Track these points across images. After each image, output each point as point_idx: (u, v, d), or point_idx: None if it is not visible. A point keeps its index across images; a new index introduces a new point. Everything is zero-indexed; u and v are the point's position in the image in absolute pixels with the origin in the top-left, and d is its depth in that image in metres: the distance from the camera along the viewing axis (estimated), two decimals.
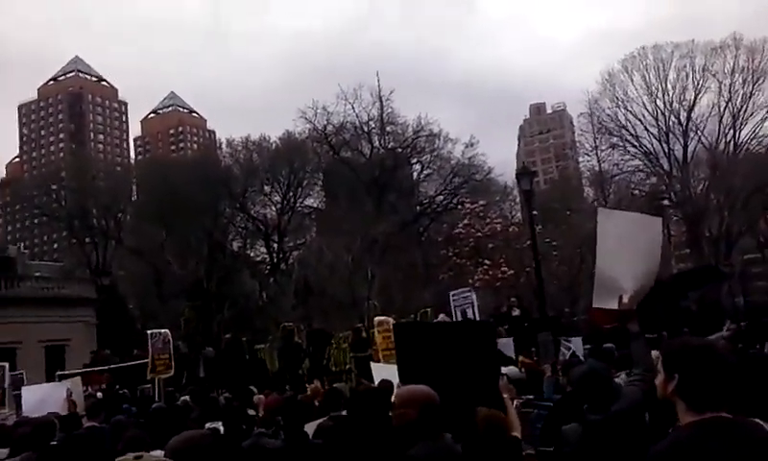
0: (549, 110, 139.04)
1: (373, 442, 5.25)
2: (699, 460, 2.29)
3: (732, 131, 48.46)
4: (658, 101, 49.21)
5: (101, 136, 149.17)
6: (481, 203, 40.71)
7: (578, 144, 60.38)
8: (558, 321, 18.98)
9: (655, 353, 6.75)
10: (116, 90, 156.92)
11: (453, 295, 14.91)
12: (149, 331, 13.88)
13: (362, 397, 7.70)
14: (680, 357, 2.52)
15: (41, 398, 11.43)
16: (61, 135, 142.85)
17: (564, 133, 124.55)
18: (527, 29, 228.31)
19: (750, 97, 47.77)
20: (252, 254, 52.56)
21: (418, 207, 52.53)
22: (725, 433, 2.33)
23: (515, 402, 7.35)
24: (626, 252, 4.79)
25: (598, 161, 51.93)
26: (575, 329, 18.72)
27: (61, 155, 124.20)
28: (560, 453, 5.02)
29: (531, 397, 7.67)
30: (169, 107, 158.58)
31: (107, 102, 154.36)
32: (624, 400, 4.59)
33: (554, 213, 35.95)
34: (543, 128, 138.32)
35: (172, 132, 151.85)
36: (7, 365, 12.21)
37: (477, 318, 14.16)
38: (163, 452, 4.62)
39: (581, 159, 58.55)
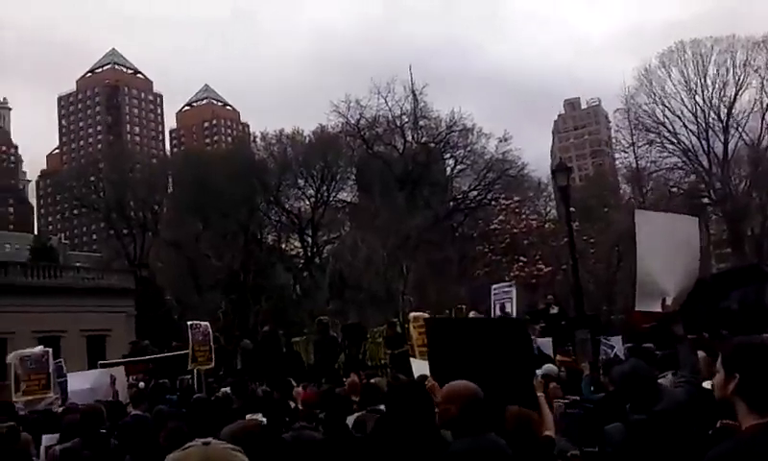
0: (584, 106, 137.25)
1: (414, 436, 5.30)
2: None
3: None
4: (697, 97, 48.29)
5: (137, 128, 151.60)
6: (516, 199, 40.41)
7: (614, 140, 59.68)
8: (596, 319, 18.78)
9: (700, 354, 6.71)
10: (151, 83, 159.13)
11: (495, 288, 14.87)
12: (189, 323, 14.07)
13: (400, 391, 7.76)
14: (742, 356, 2.44)
15: (87, 385, 11.73)
16: (99, 127, 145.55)
17: (599, 130, 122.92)
18: (560, 22, 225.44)
19: None
20: (286, 248, 52.96)
21: (451, 203, 52.34)
22: None
23: (558, 403, 7.34)
24: (666, 253, 4.77)
25: (635, 158, 51.14)
26: (613, 328, 18.54)
27: (99, 146, 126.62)
28: (603, 453, 5.01)
29: (577, 398, 7.65)
30: (203, 99, 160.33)
31: (142, 94, 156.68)
32: (667, 401, 4.57)
33: (590, 210, 35.54)
34: (578, 124, 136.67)
35: (206, 124, 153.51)
36: (50, 350, 12.53)
37: (515, 313, 14.12)
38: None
39: (617, 156, 57.88)
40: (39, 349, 12.34)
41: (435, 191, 52.08)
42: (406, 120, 52.23)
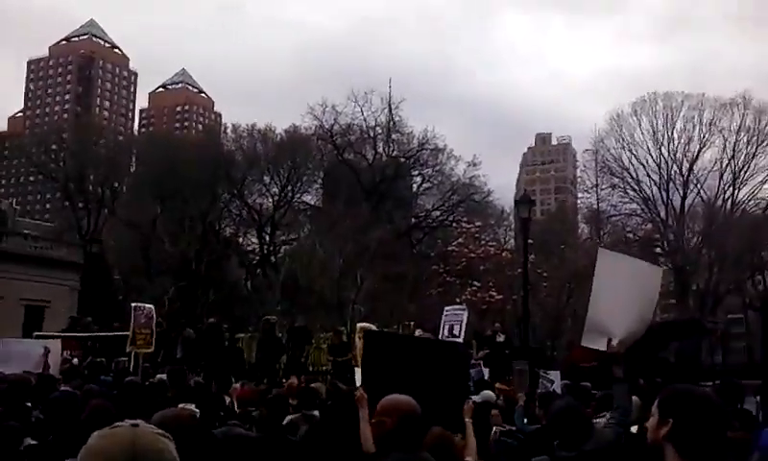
0: (554, 142, 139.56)
1: (346, 446, 5.28)
2: None
3: (731, 188, 48.84)
4: (662, 148, 49.53)
5: (107, 103, 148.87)
6: (477, 224, 40.80)
7: (579, 180, 60.71)
8: (540, 352, 19.06)
9: (633, 399, 6.83)
10: (128, 59, 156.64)
11: (447, 310, 14.91)
12: (133, 304, 13.83)
13: (338, 399, 7.74)
14: (678, 402, 2.46)
15: (18, 353, 11.38)
16: (67, 97, 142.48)
17: (566, 167, 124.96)
18: (541, 58, 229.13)
19: (753, 157, 48.19)
20: (243, 242, 52.49)
21: (413, 219, 52.61)
22: None
23: (495, 430, 7.38)
24: (622, 296, 4.84)
25: (597, 200, 52.18)
26: (555, 363, 18.80)
27: (65, 116, 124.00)
28: None
29: (513, 428, 7.72)
30: (178, 83, 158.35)
31: (117, 69, 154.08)
32: (596, 441, 4.61)
33: (547, 245, 36.08)
34: (546, 159, 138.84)
35: (178, 109, 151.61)
36: None
37: (462, 336, 14.20)
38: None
39: (580, 195, 58.88)
40: None
41: (399, 206, 52.31)
42: (380, 132, 52.50)
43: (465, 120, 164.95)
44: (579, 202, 60.31)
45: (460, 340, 14.03)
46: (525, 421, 8.97)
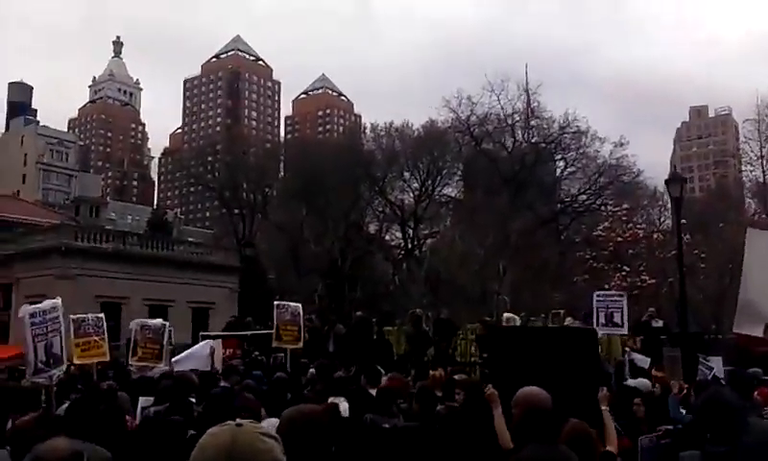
0: (711, 114, 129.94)
1: (486, 435, 5.25)
2: None
3: None
4: None
5: (254, 114, 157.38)
6: (625, 206, 38.83)
7: (742, 152, 56.09)
8: (700, 337, 17.78)
9: None
10: (271, 70, 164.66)
11: (598, 295, 14.08)
12: (276, 302, 14.45)
13: (475, 389, 7.69)
14: None
15: (188, 354, 12.39)
16: (219, 111, 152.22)
17: (726, 140, 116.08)
18: (688, 25, 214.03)
19: None
20: (387, 238, 53.49)
21: (558, 205, 51.04)
22: None
23: (644, 439, 6.96)
24: None
25: (763, 172, 47.93)
26: (718, 348, 17.50)
27: (218, 129, 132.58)
28: None
29: (669, 427, 7.26)
30: (319, 89, 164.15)
31: (261, 80, 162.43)
32: (756, 433, 4.25)
33: (706, 223, 33.63)
34: (703, 132, 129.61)
35: (320, 113, 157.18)
36: (168, 324, 13.16)
37: (625, 324, 13.44)
38: (277, 420, 4.82)
39: (744, 169, 54.40)
40: (159, 321, 13.02)
41: (541, 193, 50.93)
42: (518, 119, 51.36)
43: (608, 100, 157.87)
44: (743, 175, 55.76)
45: (624, 330, 13.29)
46: (683, 411, 8.42)
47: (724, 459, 3.98)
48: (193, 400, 7.57)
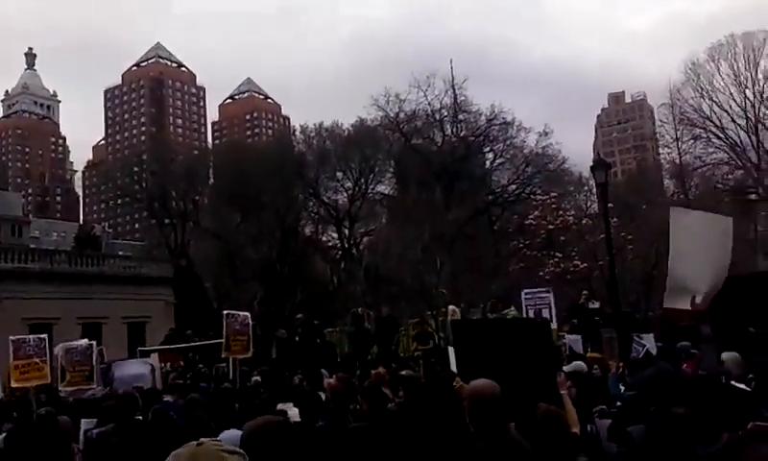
0: (628, 100, 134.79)
1: (438, 430, 5.34)
2: None
3: None
4: (747, 91, 47.03)
5: (179, 121, 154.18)
6: (553, 194, 39.97)
7: (658, 135, 58.46)
8: (631, 317, 18.51)
9: (733, 356, 6.57)
10: (194, 76, 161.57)
11: (526, 294, 14.50)
12: (225, 312, 14.28)
13: (425, 386, 7.81)
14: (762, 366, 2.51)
15: (129, 372, 12.10)
16: (143, 119, 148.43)
17: (643, 124, 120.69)
18: (600, 16, 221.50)
19: None
20: (323, 240, 53.35)
21: (489, 197, 52.03)
22: None
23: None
24: (698, 252, 4.73)
25: (679, 154, 50.15)
26: (649, 326, 18.24)
27: (143, 138, 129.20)
28: (625, 455, 4.98)
29: (603, 407, 7.56)
30: (245, 93, 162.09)
31: (185, 87, 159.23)
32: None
33: (630, 206, 34.95)
34: (622, 118, 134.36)
35: (248, 117, 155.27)
36: (95, 343, 12.87)
37: (554, 319, 13.87)
38: (236, 432, 4.77)
39: (661, 151, 56.75)
40: (84, 342, 12.67)
41: (473, 185, 51.79)
42: (445, 114, 52.08)
43: (532, 91, 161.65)
44: (661, 158, 58.17)
45: (553, 324, 13.68)
46: (622, 388, 8.79)
47: (665, 428, 4.20)
48: (140, 417, 7.41)
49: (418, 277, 31.43)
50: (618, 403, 7.65)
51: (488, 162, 53.61)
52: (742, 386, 5.73)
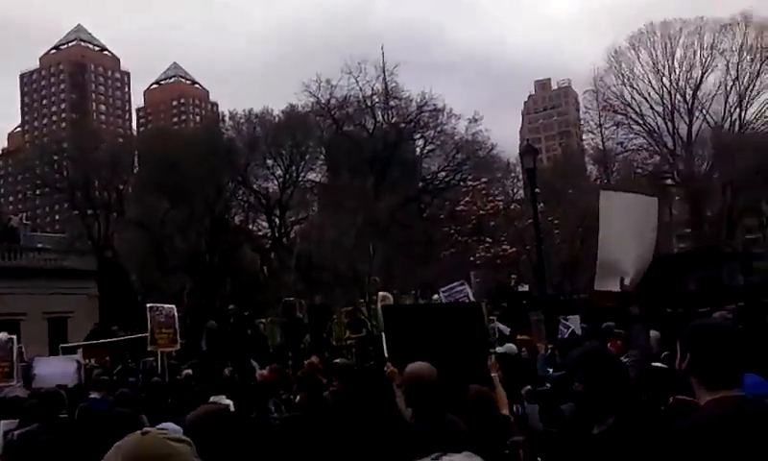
0: (554, 87, 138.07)
1: (374, 416, 5.36)
2: (723, 438, 2.39)
3: (737, 110, 48.22)
4: (664, 79, 48.97)
5: (102, 107, 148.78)
6: (483, 180, 40.67)
7: (582, 121, 60.24)
8: (557, 300, 19.09)
9: (654, 334, 6.84)
10: (118, 60, 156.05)
11: (443, 290, 14.65)
12: (148, 304, 13.93)
13: (361, 373, 7.84)
14: (692, 337, 2.65)
15: (52, 370, 11.62)
16: (63, 105, 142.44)
17: (568, 110, 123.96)
18: (527, 3, 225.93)
19: (757, 76, 47.47)
20: (253, 228, 52.62)
21: (420, 183, 52.46)
22: (745, 413, 2.45)
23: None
24: (627, 234, 4.85)
25: (602, 139, 51.86)
26: (575, 308, 18.84)
27: (63, 125, 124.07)
28: (558, 433, 5.11)
29: (529, 387, 7.78)
30: (171, 78, 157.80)
31: (108, 72, 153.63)
32: None
33: (556, 191, 35.92)
34: (548, 104, 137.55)
35: (174, 103, 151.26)
36: (15, 337, 12.31)
37: None
38: (173, 425, 4.67)
39: (585, 137, 58.54)
40: (4, 335, 12.11)
41: (404, 172, 52.12)
42: (377, 100, 52.16)
43: (461, 78, 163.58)
44: (584, 143, 60.00)
45: None
46: (550, 370, 9.04)
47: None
48: (65, 415, 7.16)
49: (350, 264, 31.43)
50: (547, 384, 7.88)
51: (419, 149, 54.07)
52: (660, 364, 5.98)
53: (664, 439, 2.64)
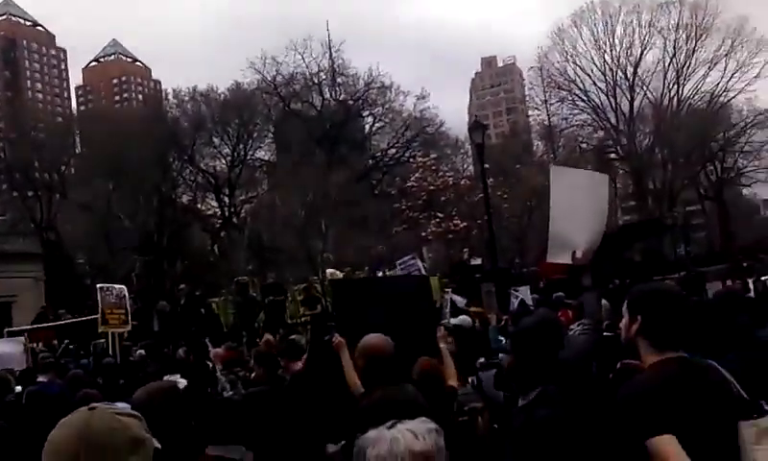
0: (500, 64, 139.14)
1: (331, 391, 5.43)
2: (671, 396, 2.45)
3: (675, 86, 49.65)
4: (606, 56, 49.98)
5: (39, 85, 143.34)
6: (433, 156, 40.94)
7: (528, 98, 61.08)
8: (508, 272, 19.49)
9: (605, 304, 7.07)
10: (53, 37, 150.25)
11: (400, 264, 14.95)
12: (98, 285, 13.69)
13: (318, 349, 7.90)
14: (644, 300, 2.70)
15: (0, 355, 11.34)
16: None
17: (514, 87, 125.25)
18: None
19: (693, 53, 48.91)
20: (202, 208, 51.79)
21: (370, 161, 52.44)
22: (690, 371, 2.53)
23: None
24: (578, 208, 4.98)
25: (547, 115, 52.70)
26: (525, 280, 19.26)
27: None
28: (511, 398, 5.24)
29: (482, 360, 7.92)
30: (111, 55, 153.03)
31: (43, 48, 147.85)
32: (571, 349, 4.75)
33: (504, 167, 36.42)
34: (495, 81, 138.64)
35: (115, 81, 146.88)
36: None
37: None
38: (126, 404, 4.64)
39: (531, 113, 59.36)
40: None
41: (354, 149, 51.99)
42: (324, 77, 51.77)
43: (409, 54, 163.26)
44: (531, 120, 60.85)
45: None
46: (503, 339, 9.23)
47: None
48: (12, 398, 7.04)
49: (302, 242, 31.32)
50: (500, 355, 8.05)
51: (368, 126, 53.96)
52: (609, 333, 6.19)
53: (609, 406, 2.70)
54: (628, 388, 2.63)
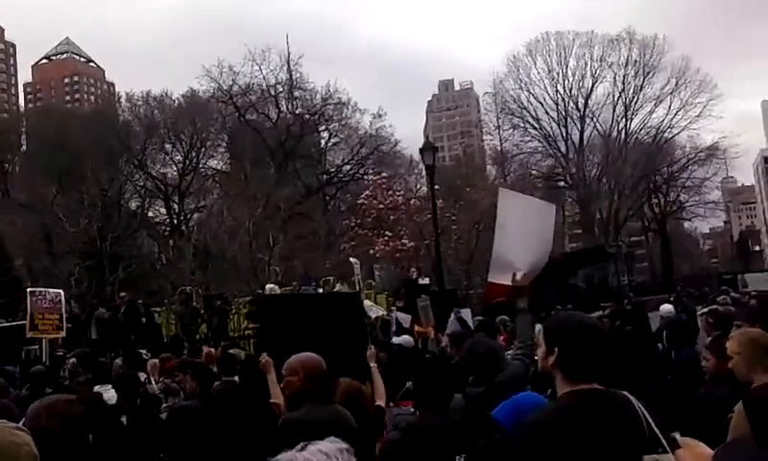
0: (457, 87, 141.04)
1: (265, 407, 5.36)
2: (573, 428, 2.44)
3: (624, 120, 51.24)
4: (558, 86, 51.30)
5: None
6: (384, 175, 41.17)
7: (482, 122, 62.06)
8: (454, 294, 19.63)
9: (539, 328, 7.15)
10: (2, 30, 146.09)
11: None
12: (29, 289, 13.25)
13: (254, 363, 7.80)
14: (559, 332, 2.66)
15: None
16: None
17: (470, 111, 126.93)
18: (432, 3, 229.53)
19: (641, 89, 50.66)
20: (150, 215, 50.77)
21: (324, 176, 52.36)
22: (597, 404, 2.49)
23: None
24: (523, 233, 5.04)
25: (500, 141, 53.67)
26: (469, 302, 19.43)
27: None
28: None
29: None
30: (63, 54, 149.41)
31: None
32: (505, 373, 4.74)
33: (455, 189, 36.82)
34: (451, 105, 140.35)
35: (67, 80, 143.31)
36: None
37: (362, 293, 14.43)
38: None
39: (485, 138, 60.33)
40: None
41: (308, 163, 51.86)
42: (281, 90, 51.59)
43: (367, 72, 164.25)
44: (484, 144, 61.82)
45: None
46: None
47: (481, 398, 4.47)
48: None
49: (250, 254, 30.97)
50: None
51: (323, 141, 53.92)
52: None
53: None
54: (531, 419, 2.62)
